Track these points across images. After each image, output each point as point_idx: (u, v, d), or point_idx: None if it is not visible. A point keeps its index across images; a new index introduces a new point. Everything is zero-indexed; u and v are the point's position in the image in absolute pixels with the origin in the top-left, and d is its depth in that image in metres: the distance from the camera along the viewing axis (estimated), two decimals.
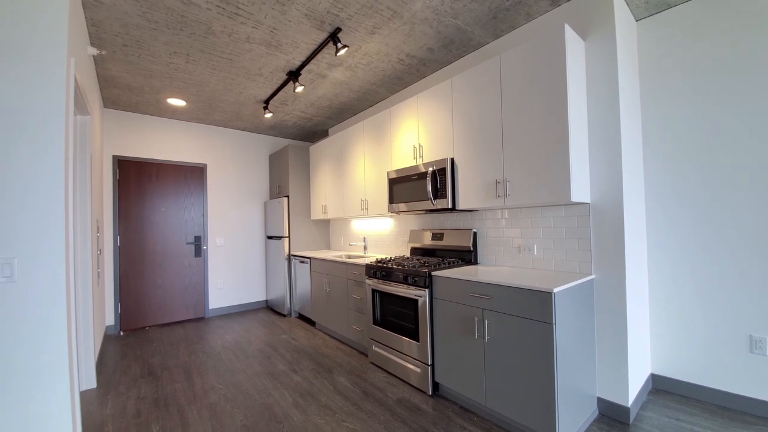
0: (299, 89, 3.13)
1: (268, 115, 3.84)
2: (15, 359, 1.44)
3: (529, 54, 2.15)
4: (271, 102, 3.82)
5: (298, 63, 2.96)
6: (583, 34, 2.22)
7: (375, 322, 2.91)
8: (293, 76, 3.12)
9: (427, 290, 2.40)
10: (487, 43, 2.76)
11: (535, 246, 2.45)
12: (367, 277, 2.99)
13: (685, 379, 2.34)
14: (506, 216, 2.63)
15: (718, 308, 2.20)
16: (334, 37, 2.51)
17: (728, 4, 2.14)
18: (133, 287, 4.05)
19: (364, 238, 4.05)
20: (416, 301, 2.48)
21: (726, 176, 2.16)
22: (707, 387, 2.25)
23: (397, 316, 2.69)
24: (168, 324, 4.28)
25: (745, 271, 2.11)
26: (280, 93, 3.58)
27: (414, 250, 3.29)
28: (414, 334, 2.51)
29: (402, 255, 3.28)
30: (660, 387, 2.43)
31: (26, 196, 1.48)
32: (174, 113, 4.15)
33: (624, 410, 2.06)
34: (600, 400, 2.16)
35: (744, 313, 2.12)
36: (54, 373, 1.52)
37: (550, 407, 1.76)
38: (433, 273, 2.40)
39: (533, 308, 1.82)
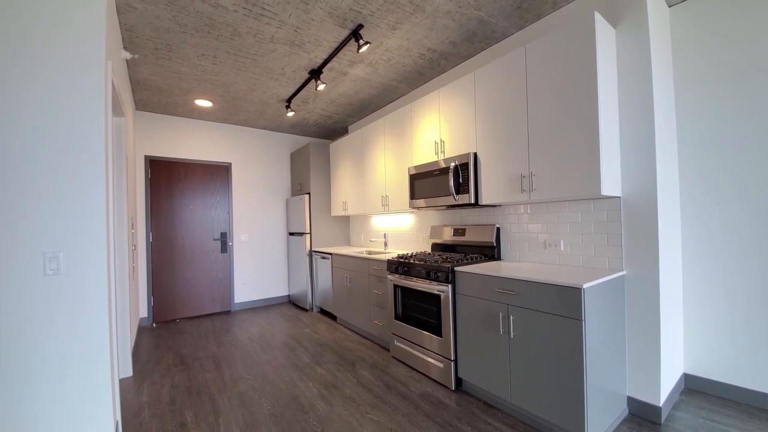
0: (321, 87, 3.17)
1: (290, 114, 3.91)
2: (62, 348, 1.54)
3: (556, 44, 2.09)
4: (293, 101, 3.89)
5: (320, 61, 3.00)
6: (613, 22, 2.15)
7: (397, 317, 2.93)
8: (315, 74, 3.16)
9: (450, 286, 2.40)
10: (511, 34, 2.71)
11: (562, 241, 2.40)
12: (388, 272, 3.01)
13: (720, 380, 2.24)
14: (530, 211, 2.59)
15: (754, 307, 2.10)
16: (356, 34, 2.53)
17: None
18: (165, 281, 4.23)
19: (385, 234, 4.07)
20: (439, 296, 2.48)
21: (764, 174, 2.05)
22: (744, 388, 2.15)
23: (419, 311, 2.70)
24: (197, 317, 4.45)
25: None
26: (302, 91, 3.64)
27: (435, 246, 3.28)
28: (437, 330, 2.52)
29: (423, 251, 3.28)
30: (693, 387, 2.33)
31: (70, 194, 1.58)
32: (201, 114, 4.29)
33: (655, 410, 2.00)
34: (630, 399, 2.10)
35: None
36: (97, 362, 1.61)
37: (578, 405, 1.73)
38: (456, 268, 2.39)
39: (561, 304, 1.79)
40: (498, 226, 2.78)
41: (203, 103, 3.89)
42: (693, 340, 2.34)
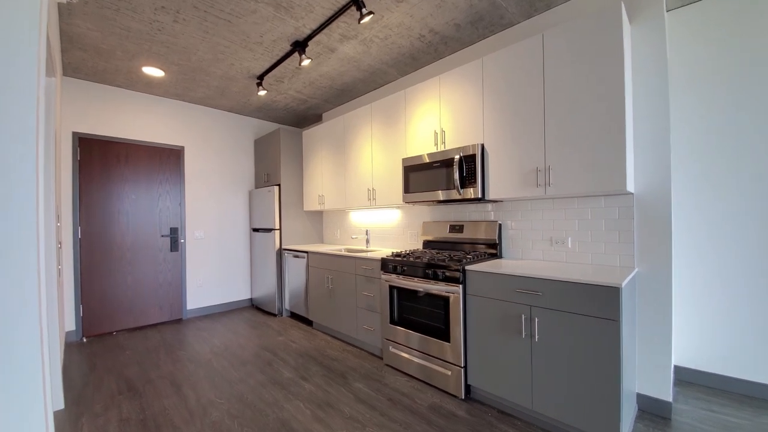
0: (305, 63, 2.79)
1: (261, 93, 3.44)
2: None
3: (579, 33, 1.99)
4: (265, 78, 3.42)
5: (308, 31, 2.62)
6: (629, 17, 2.11)
7: (392, 322, 2.67)
8: (299, 47, 2.76)
9: (461, 286, 2.20)
10: (518, 22, 2.59)
11: (570, 238, 2.33)
12: (383, 272, 2.74)
13: (707, 370, 2.34)
14: (535, 207, 2.50)
15: (747, 300, 2.21)
16: (357, 2, 2.21)
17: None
18: (98, 286, 3.49)
19: (367, 231, 3.78)
20: (447, 298, 2.28)
21: (760, 171, 2.16)
22: (732, 377, 2.26)
23: (420, 314, 2.47)
24: (140, 328, 3.76)
25: None
26: (279, 67, 3.20)
27: (427, 244, 3.08)
28: (443, 335, 2.31)
29: (417, 249, 3.06)
30: (682, 378, 2.42)
31: None
32: (149, 85, 3.60)
33: (666, 405, 2.00)
34: (640, 396, 2.09)
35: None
36: (25, 393, 1.13)
37: (614, 410, 1.63)
38: (468, 267, 2.21)
39: (595, 304, 1.68)
40: (500, 222, 2.65)
41: (153, 71, 3.25)
42: (681, 332, 2.42)
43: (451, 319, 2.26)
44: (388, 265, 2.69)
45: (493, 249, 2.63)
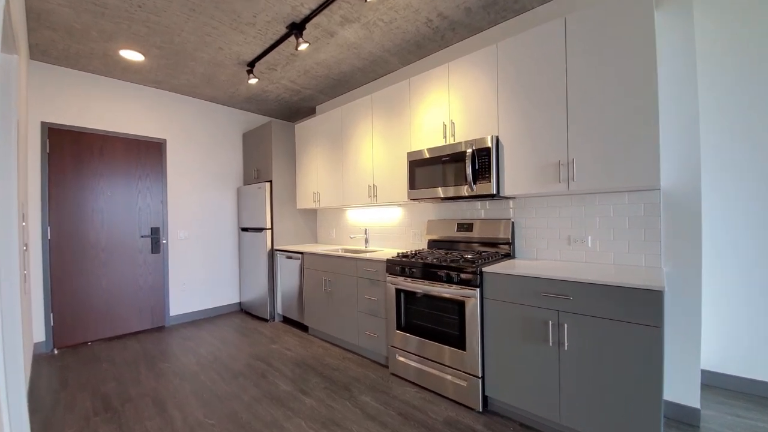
0: (303, 47, 2.56)
1: (252, 81, 3.18)
2: None
3: (605, 16, 1.85)
4: (257, 65, 3.16)
5: (306, 12, 2.39)
6: (655, 3, 1.98)
7: (399, 328, 2.49)
8: (296, 29, 2.53)
9: (478, 290, 2.03)
10: (533, 7, 2.43)
11: (590, 237, 2.20)
12: (388, 274, 2.54)
13: (727, 372, 2.25)
14: (551, 204, 2.35)
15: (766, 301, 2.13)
16: None
17: None
18: (70, 292, 3.17)
19: (366, 230, 3.57)
20: (462, 302, 2.11)
21: None
22: (756, 380, 2.17)
23: (432, 320, 2.29)
24: (118, 337, 3.44)
25: None
26: (272, 53, 2.95)
27: (432, 243, 2.90)
28: (458, 342, 2.14)
29: (422, 249, 2.88)
30: (704, 382, 2.33)
31: None
32: (127, 71, 3.29)
33: (694, 413, 1.89)
34: (666, 404, 1.97)
35: None
36: None
37: (654, 421, 1.49)
38: (485, 269, 2.04)
39: (634, 309, 1.54)
40: (513, 220, 2.50)
41: (132, 55, 2.95)
42: (709, 336, 2.33)
43: (467, 326, 2.09)
44: (394, 266, 2.50)
45: (506, 249, 2.47)
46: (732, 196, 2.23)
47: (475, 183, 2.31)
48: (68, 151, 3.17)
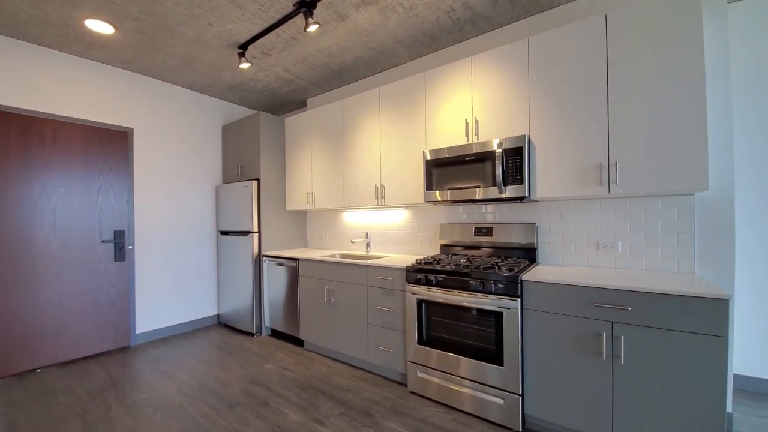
0: (312, 28, 2.27)
1: (245, 66, 2.81)
2: None
3: (650, 11, 1.78)
4: (250, 47, 2.80)
5: None
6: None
7: (421, 342, 2.27)
8: (305, 6, 2.24)
9: (518, 300, 1.88)
10: (559, 4, 2.35)
11: (620, 242, 2.13)
12: (408, 283, 2.32)
13: (746, 374, 2.30)
14: (579, 208, 2.27)
15: None
16: None
17: None
18: (11, 309, 2.59)
19: (367, 234, 3.32)
20: (500, 314, 1.94)
21: None
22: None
23: (461, 333, 2.11)
24: (74, 361, 2.89)
25: None
26: (271, 34, 2.62)
27: (446, 249, 2.73)
28: (493, 357, 1.97)
29: (439, 255, 2.68)
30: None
31: None
32: (90, 47, 2.77)
33: (727, 417, 1.87)
34: None
35: None
36: None
37: None
38: (524, 278, 1.89)
39: (697, 319, 1.46)
40: (537, 224, 2.39)
41: (100, 26, 2.47)
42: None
43: (505, 339, 1.93)
44: (415, 274, 2.28)
45: (530, 254, 2.35)
46: (765, 200, 2.27)
47: (505, 185, 2.16)
48: (13, 139, 2.59)
